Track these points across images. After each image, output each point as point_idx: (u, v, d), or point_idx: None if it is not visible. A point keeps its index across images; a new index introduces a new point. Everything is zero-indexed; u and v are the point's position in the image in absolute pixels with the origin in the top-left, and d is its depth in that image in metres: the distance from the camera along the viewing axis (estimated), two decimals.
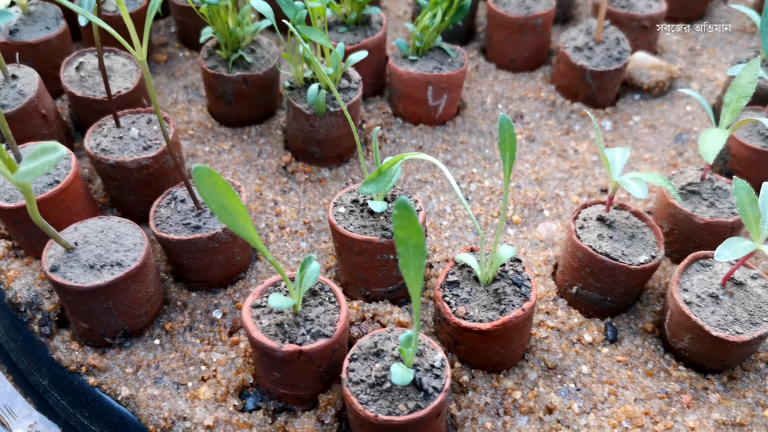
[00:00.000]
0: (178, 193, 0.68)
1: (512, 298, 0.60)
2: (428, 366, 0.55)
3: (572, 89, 0.90)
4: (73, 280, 0.58)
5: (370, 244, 0.63)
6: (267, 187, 0.78)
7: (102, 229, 0.63)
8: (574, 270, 0.66)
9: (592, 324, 0.67)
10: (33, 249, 0.69)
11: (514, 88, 0.93)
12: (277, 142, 0.83)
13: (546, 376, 0.63)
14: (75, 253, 0.60)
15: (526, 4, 0.92)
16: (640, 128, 0.89)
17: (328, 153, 0.80)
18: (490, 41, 0.96)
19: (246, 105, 0.82)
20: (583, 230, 0.66)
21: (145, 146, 0.70)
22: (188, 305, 0.67)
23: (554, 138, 0.87)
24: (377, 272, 0.65)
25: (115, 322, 0.62)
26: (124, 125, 0.72)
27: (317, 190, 0.78)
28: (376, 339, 0.57)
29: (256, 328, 0.56)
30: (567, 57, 0.88)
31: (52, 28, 0.83)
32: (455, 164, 0.83)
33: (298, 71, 0.76)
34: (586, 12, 1.07)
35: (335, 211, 0.66)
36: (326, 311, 0.58)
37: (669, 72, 0.93)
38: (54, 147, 0.42)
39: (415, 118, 0.86)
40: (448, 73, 0.82)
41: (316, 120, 0.76)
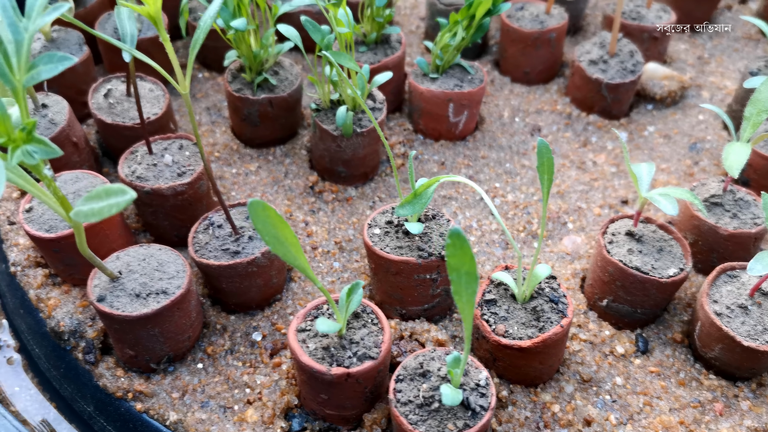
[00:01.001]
0: (214, 218, 0.69)
1: (550, 315, 0.61)
2: (474, 385, 0.56)
3: (588, 101, 0.92)
4: (120, 310, 0.59)
5: (407, 265, 0.64)
6: (296, 208, 0.79)
7: (144, 257, 0.64)
8: (604, 284, 0.68)
9: (623, 336, 0.69)
10: (71, 276, 0.70)
11: (530, 101, 0.95)
12: (302, 162, 0.84)
13: (582, 388, 0.65)
14: (120, 282, 0.61)
15: (540, 18, 0.94)
16: (655, 138, 0.91)
17: (353, 172, 0.81)
18: (504, 55, 0.97)
19: (271, 126, 0.84)
20: (613, 245, 0.68)
21: (179, 173, 0.71)
22: (228, 328, 0.68)
23: (572, 150, 0.89)
24: (413, 291, 0.67)
25: (160, 348, 0.63)
26: (156, 151, 0.73)
27: (345, 210, 0.79)
28: (421, 360, 0.58)
29: (304, 352, 0.58)
30: (582, 70, 0.90)
31: (76, 54, 0.83)
32: (477, 179, 0.84)
33: (324, 93, 0.77)
34: (594, 23, 1.09)
35: (370, 233, 0.67)
36: (370, 333, 0.60)
37: (680, 82, 0.95)
38: (122, 190, 0.43)
39: (436, 134, 0.88)
40: (469, 90, 0.83)
41: (343, 141, 0.77)
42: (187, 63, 0.96)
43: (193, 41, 0.55)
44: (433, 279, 0.66)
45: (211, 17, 0.55)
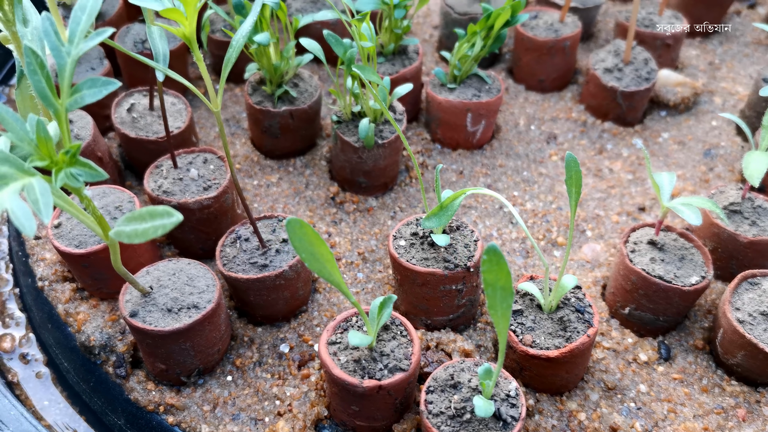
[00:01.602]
0: (241, 231, 0.70)
1: (576, 324, 0.62)
2: (504, 395, 0.57)
3: (602, 109, 0.93)
4: (153, 325, 0.60)
5: (433, 276, 0.65)
6: (318, 219, 0.80)
7: (174, 271, 0.65)
8: (626, 292, 0.69)
9: (646, 343, 0.70)
10: (99, 291, 0.70)
11: (545, 109, 0.96)
12: (322, 173, 0.85)
13: (607, 396, 0.66)
14: (151, 297, 0.62)
15: (554, 27, 0.94)
16: (670, 145, 0.92)
17: (374, 182, 0.82)
18: (519, 63, 0.98)
19: (291, 138, 0.84)
20: (635, 254, 0.69)
21: (205, 186, 0.71)
22: (255, 340, 0.69)
23: (588, 158, 0.89)
24: (439, 302, 0.67)
25: (191, 362, 0.64)
26: (181, 165, 0.73)
27: (367, 220, 0.80)
28: (452, 371, 0.59)
29: (336, 365, 0.58)
30: (598, 79, 0.91)
31: (97, 68, 0.84)
32: (496, 188, 0.85)
33: (346, 105, 0.78)
34: (605, 29, 1.10)
35: (396, 245, 0.68)
36: (399, 345, 0.60)
37: (693, 88, 0.96)
38: (167, 212, 0.44)
39: (454, 143, 0.89)
40: (487, 100, 0.84)
41: (364, 152, 0.78)
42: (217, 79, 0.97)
43: (225, 60, 0.56)
44: (459, 290, 0.67)
45: (243, 36, 0.56)
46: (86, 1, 0.47)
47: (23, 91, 0.62)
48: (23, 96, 0.62)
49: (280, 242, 0.68)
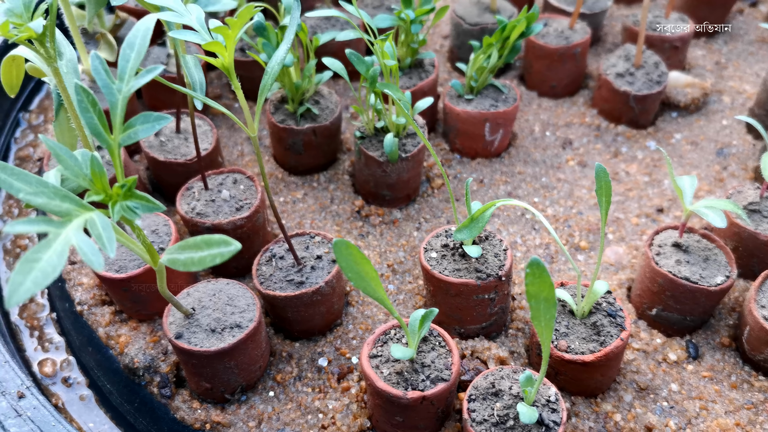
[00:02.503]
0: (275, 250, 0.71)
1: (609, 329, 0.64)
2: (545, 401, 0.59)
3: (615, 113, 0.95)
4: (198, 346, 0.62)
5: (466, 287, 0.67)
6: (346, 233, 0.81)
7: (214, 292, 0.67)
8: (653, 294, 0.71)
9: (674, 343, 0.71)
10: (137, 313, 0.72)
11: (559, 114, 0.98)
12: (346, 188, 0.86)
13: (640, 396, 0.67)
14: (195, 319, 0.64)
15: (565, 34, 0.96)
16: (683, 146, 0.94)
17: (397, 194, 0.84)
18: (530, 70, 1.00)
19: (314, 154, 0.86)
20: (661, 256, 0.71)
21: (237, 207, 0.73)
22: (293, 355, 0.71)
23: (604, 161, 0.91)
24: (472, 311, 0.69)
25: (234, 380, 0.66)
26: (211, 187, 0.75)
27: (393, 232, 0.82)
28: (491, 379, 0.61)
29: (379, 378, 0.60)
30: (610, 84, 0.92)
31: None
32: (516, 195, 0.87)
33: (369, 121, 0.80)
34: (612, 32, 1.11)
35: (427, 257, 0.70)
36: (439, 356, 0.62)
37: (702, 89, 0.98)
38: (225, 241, 0.46)
39: (473, 152, 0.90)
40: (504, 110, 0.86)
41: (388, 166, 0.79)
42: (220, 92, 0.99)
43: (261, 86, 0.58)
44: (491, 299, 0.69)
45: (278, 62, 0.58)
46: (134, 39, 0.48)
47: (61, 122, 0.64)
48: (61, 127, 0.64)
49: (315, 259, 0.70)
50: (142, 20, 0.49)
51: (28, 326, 0.78)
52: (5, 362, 0.63)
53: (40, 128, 1.00)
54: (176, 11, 0.55)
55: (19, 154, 0.96)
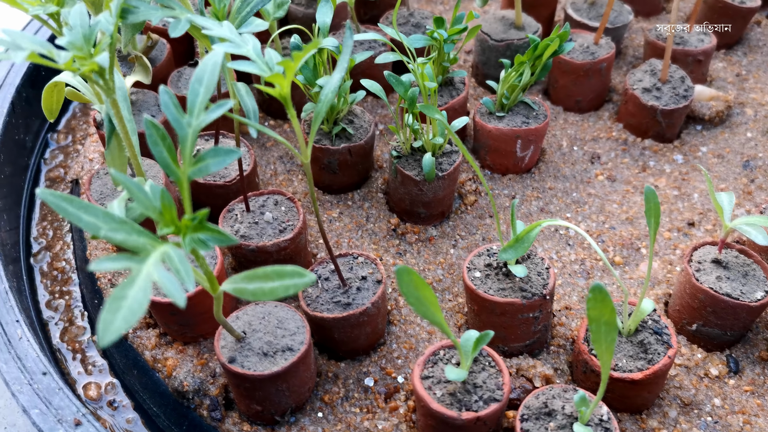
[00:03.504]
0: (320, 271, 0.72)
1: (656, 346, 0.65)
2: (597, 420, 0.60)
3: (642, 127, 0.96)
4: (251, 369, 0.62)
5: (512, 306, 0.68)
6: (383, 251, 0.82)
7: (263, 315, 0.67)
8: (694, 310, 0.72)
9: (715, 357, 0.73)
10: (182, 335, 0.73)
11: (585, 129, 0.99)
12: (380, 206, 0.87)
13: (684, 412, 0.68)
14: (246, 342, 0.64)
15: (590, 50, 0.97)
16: (710, 158, 0.95)
17: (432, 212, 0.85)
18: (555, 85, 1.01)
19: (348, 173, 0.87)
20: (701, 273, 0.72)
21: (280, 229, 0.74)
22: (339, 375, 0.71)
23: (633, 176, 0.92)
24: (517, 330, 0.70)
25: (285, 402, 0.66)
26: (253, 209, 0.76)
27: (430, 250, 0.83)
28: (543, 399, 0.62)
29: (433, 399, 0.61)
30: (637, 99, 0.94)
31: (156, 115, 0.86)
32: (548, 210, 0.88)
33: (406, 140, 0.80)
34: (632, 45, 1.13)
35: (471, 276, 0.71)
36: (490, 376, 0.63)
37: (726, 101, 1.00)
38: (298, 272, 0.47)
39: (503, 168, 0.91)
40: (536, 127, 0.87)
41: (425, 185, 0.80)
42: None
43: (315, 114, 0.59)
44: (535, 317, 0.69)
45: (332, 91, 0.58)
46: (203, 74, 0.49)
47: (112, 150, 0.64)
48: (113, 154, 0.65)
49: (359, 280, 0.71)
50: (209, 55, 0.50)
51: (70, 349, 0.78)
52: (59, 389, 0.64)
53: (68, 149, 1.00)
54: (234, 42, 0.56)
55: (49, 175, 0.97)
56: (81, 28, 0.53)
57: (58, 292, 0.83)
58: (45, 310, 0.81)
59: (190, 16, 0.58)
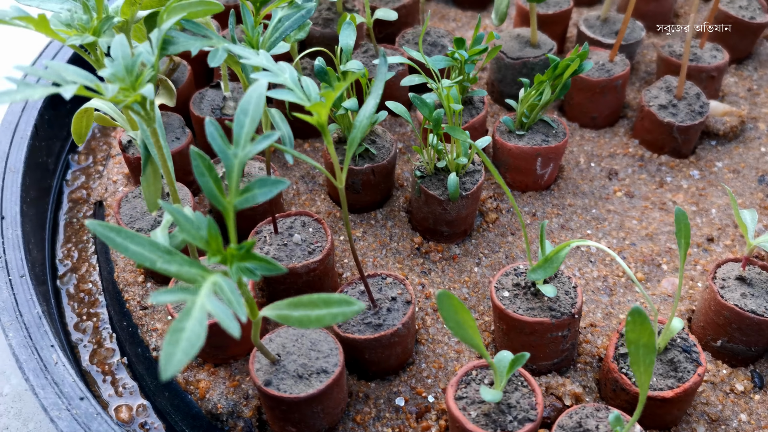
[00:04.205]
0: (350, 292, 0.73)
1: (686, 364, 0.66)
2: None
3: (658, 143, 0.97)
4: (287, 392, 0.63)
5: (541, 326, 0.69)
6: (408, 270, 0.83)
7: (296, 337, 0.68)
8: (718, 326, 0.73)
9: (740, 373, 0.73)
10: (213, 357, 0.73)
11: (602, 145, 1.00)
12: (403, 224, 0.88)
13: (711, 428, 0.69)
14: (281, 365, 0.65)
15: (606, 67, 0.99)
16: (725, 174, 0.96)
17: (455, 230, 0.86)
18: (571, 102, 1.02)
19: (371, 192, 0.88)
20: (725, 290, 0.73)
21: (309, 251, 0.75)
22: (370, 396, 0.72)
23: (651, 192, 0.94)
24: (546, 349, 0.71)
25: (319, 423, 0.67)
26: (281, 230, 0.76)
27: (454, 268, 0.84)
28: (577, 418, 0.63)
29: (468, 420, 0.62)
30: (654, 115, 0.95)
31: (181, 138, 0.87)
32: (569, 227, 0.89)
33: (430, 160, 0.81)
34: (643, 61, 1.14)
35: (500, 296, 0.71)
36: (522, 396, 0.64)
37: (739, 117, 1.01)
38: (347, 300, 0.47)
39: (523, 186, 0.92)
40: (556, 145, 0.88)
41: (448, 204, 0.81)
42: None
43: (350, 140, 0.60)
44: (564, 336, 0.70)
45: (367, 117, 0.59)
46: (248, 105, 0.50)
47: (148, 177, 0.65)
48: (148, 181, 0.65)
49: (389, 300, 0.72)
50: (253, 87, 0.50)
51: (99, 371, 0.79)
52: (97, 414, 0.64)
53: (89, 170, 1.01)
54: (271, 71, 0.57)
55: (72, 196, 0.97)
56: (123, 59, 0.54)
57: (85, 314, 0.84)
58: (73, 332, 0.82)
59: (228, 45, 0.59)
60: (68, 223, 0.94)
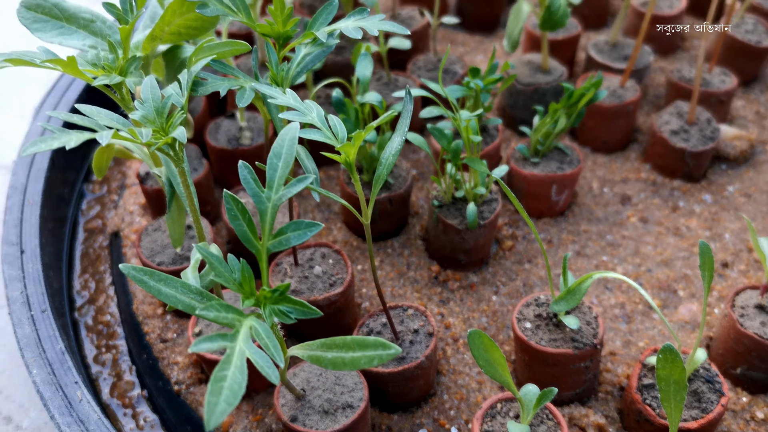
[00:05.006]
0: (372, 324, 0.73)
1: (709, 395, 0.66)
2: None
3: (670, 168, 0.98)
4: (313, 428, 0.63)
5: (564, 357, 0.69)
6: (427, 299, 0.83)
7: (320, 371, 0.68)
8: (738, 354, 0.73)
9: (759, 400, 0.74)
10: None
11: (614, 170, 1.01)
12: (420, 253, 0.89)
13: None
14: (306, 400, 0.65)
15: (617, 93, 1.00)
16: (737, 198, 0.97)
17: (472, 259, 0.86)
18: (583, 127, 1.03)
19: (388, 221, 0.88)
20: (745, 318, 0.73)
21: (330, 283, 0.75)
22: (393, 428, 0.72)
23: (664, 216, 0.94)
24: (568, 379, 0.71)
25: None
26: (301, 262, 0.77)
27: (472, 297, 0.84)
28: None
29: None
30: (666, 141, 0.96)
31: (198, 169, 0.88)
32: (585, 254, 0.89)
33: (448, 189, 0.82)
34: (652, 85, 1.15)
35: (522, 327, 0.72)
36: (549, 429, 0.64)
37: (749, 140, 1.02)
38: (383, 344, 0.48)
39: (538, 212, 0.93)
40: (571, 172, 0.88)
41: (467, 233, 0.82)
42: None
43: (376, 177, 0.60)
44: (587, 366, 0.71)
45: (393, 155, 0.60)
46: (280, 149, 0.50)
47: (173, 214, 0.65)
48: (173, 219, 0.66)
49: (412, 333, 0.72)
50: (285, 129, 0.51)
51: (120, 405, 0.78)
52: None
53: (104, 199, 1.01)
54: (299, 110, 0.58)
55: (87, 226, 0.98)
56: (153, 101, 0.55)
57: (104, 346, 0.84)
58: (92, 364, 0.82)
59: (255, 85, 0.59)
60: (84, 253, 0.94)
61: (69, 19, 0.71)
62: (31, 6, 0.70)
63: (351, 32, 0.63)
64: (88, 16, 0.72)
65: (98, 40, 0.71)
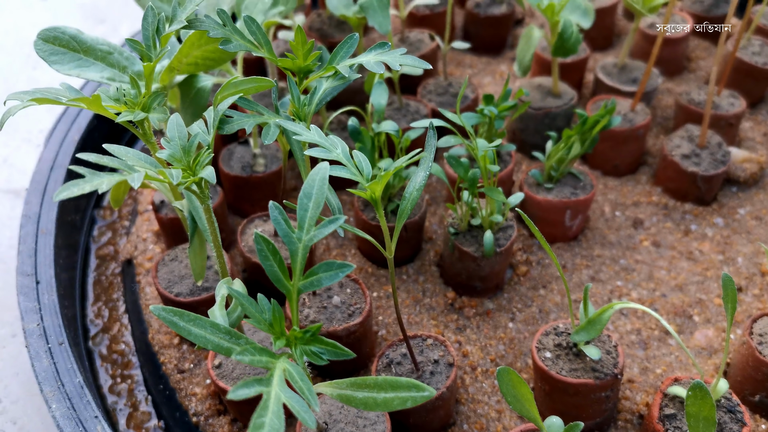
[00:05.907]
0: (392, 355, 0.73)
1: (731, 425, 0.66)
2: None
3: (682, 191, 0.98)
4: None
5: (585, 387, 0.69)
6: (443, 327, 0.83)
7: (342, 404, 0.68)
8: (757, 381, 0.73)
9: None
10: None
11: (625, 193, 1.01)
12: (435, 279, 0.89)
13: None
14: None
15: (628, 117, 1.00)
16: (748, 221, 0.97)
17: (487, 285, 0.86)
18: (594, 151, 1.03)
19: (403, 248, 0.88)
20: (763, 346, 0.73)
21: (349, 313, 0.75)
22: None
23: (677, 240, 0.94)
24: (589, 409, 0.71)
25: None
26: (319, 292, 0.77)
27: (489, 324, 0.84)
28: None
29: None
30: (677, 165, 0.96)
31: (213, 197, 0.87)
32: (599, 279, 0.90)
33: (464, 217, 0.82)
34: (659, 106, 1.16)
35: (542, 356, 0.72)
36: None
37: (759, 163, 1.02)
38: (416, 386, 0.48)
39: (551, 237, 0.93)
40: (584, 197, 0.89)
41: (482, 260, 0.82)
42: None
43: (400, 212, 0.60)
44: (607, 396, 0.71)
45: (417, 189, 0.60)
46: (311, 189, 0.50)
47: (195, 247, 0.65)
48: (195, 252, 0.66)
49: (432, 363, 0.72)
50: (315, 169, 0.51)
51: None
52: None
53: (115, 225, 1.01)
54: (323, 146, 0.58)
55: (99, 253, 0.97)
56: (180, 140, 0.55)
57: (119, 375, 0.83)
58: (108, 395, 0.81)
59: (279, 121, 0.60)
60: (97, 280, 0.94)
61: (87, 51, 0.71)
62: (48, 39, 0.70)
63: (373, 67, 0.63)
64: (105, 48, 0.72)
65: (116, 71, 0.71)
